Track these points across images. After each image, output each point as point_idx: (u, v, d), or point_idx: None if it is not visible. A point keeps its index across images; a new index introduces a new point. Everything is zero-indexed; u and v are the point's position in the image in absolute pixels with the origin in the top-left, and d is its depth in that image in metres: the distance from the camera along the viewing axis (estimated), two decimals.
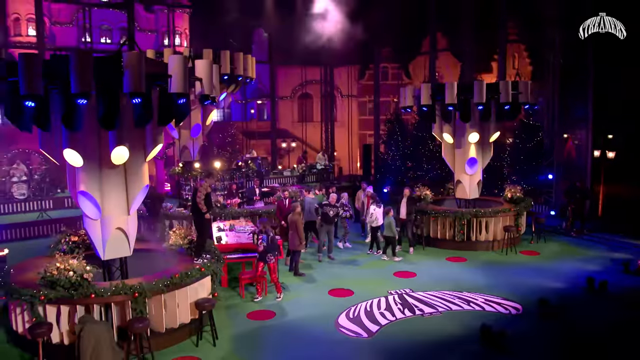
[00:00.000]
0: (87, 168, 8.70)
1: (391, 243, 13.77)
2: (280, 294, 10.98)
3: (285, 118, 35.99)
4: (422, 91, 14.59)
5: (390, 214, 13.61)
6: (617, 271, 12.59)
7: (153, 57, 16.74)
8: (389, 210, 13.70)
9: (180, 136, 17.80)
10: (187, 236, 10.38)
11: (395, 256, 13.79)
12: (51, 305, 8.16)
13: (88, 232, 9.31)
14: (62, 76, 7.72)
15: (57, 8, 29.08)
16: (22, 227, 16.23)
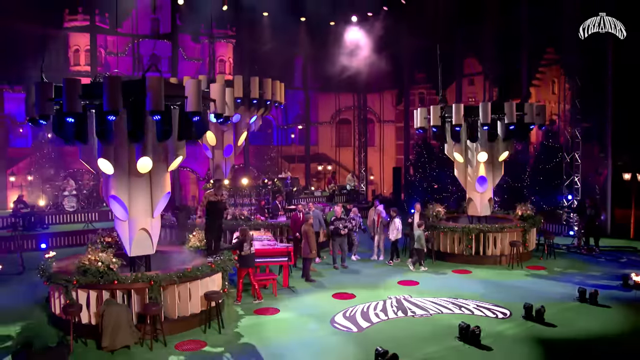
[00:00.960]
0: (117, 175, 10.34)
1: (419, 254, 14.83)
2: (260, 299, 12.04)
3: (324, 142, 37.64)
4: (431, 113, 15.74)
5: (421, 227, 14.73)
6: (616, 285, 13.11)
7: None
8: (421, 224, 14.84)
9: (214, 156, 19.62)
10: (204, 239, 11.88)
11: (422, 266, 14.82)
12: (82, 290, 9.74)
13: (117, 231, 10.95)
14: (97, 97, 9.45)
15: (112, 40, 32.01)
16: (70, 235, 18.25)
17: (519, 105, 15.18)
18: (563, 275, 14.17)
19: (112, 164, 10.20)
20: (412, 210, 15.53)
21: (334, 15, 27.36)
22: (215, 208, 11.87)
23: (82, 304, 9.70)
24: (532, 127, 15.49)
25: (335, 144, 37.16)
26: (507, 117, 14.87)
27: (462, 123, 15.17)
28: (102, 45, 31.73)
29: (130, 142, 10.04)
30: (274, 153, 34.40)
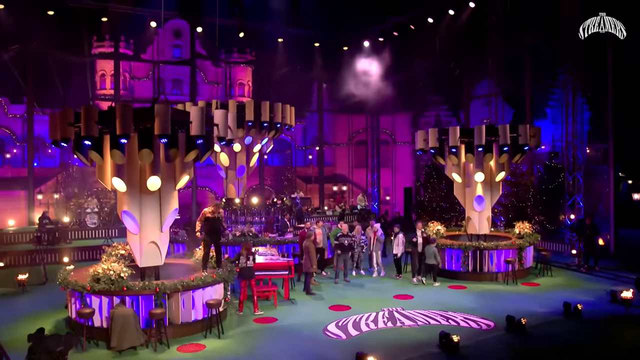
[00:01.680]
0: (129, 193, 11.55)
1: (433, 270, 15.69)
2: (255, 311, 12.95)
3: (341, 163, 38.64)
4: (429, 135, 16.67)
5: (433, 244, 15.63)
6: (605, 301, 13.70)
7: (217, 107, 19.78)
8: (434, 241, 15.76)
9: (227, 176, 20.82)
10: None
11: (435, 281, 15.67)
12: (95, 296, 10.89)
13: (130, 243, 12.14)
14: (111, 122, 10.70)
15: (136, 65, 33.87)
16: (91, 250, 19.56)
17: (513, 127, 16.01)
18: (555, 292, 14.78)
19: (125, 182, 11.41)
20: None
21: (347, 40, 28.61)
22: (212, 225, 12.93)
23: (94, 309, 10.84)
24: (527, 148, 16.23)
25: (352, 165, 38.14)
26: (500, 138, 15.71)
27: (458, 145, 16.05)
28: (127, 70, 33.62)
29: (141, 163, 11.25)
30: (290, 174, 35.52)
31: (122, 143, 10.68)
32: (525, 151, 16.46)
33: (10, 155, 31.72)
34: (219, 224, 13.21)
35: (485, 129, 15.81)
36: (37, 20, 23.48)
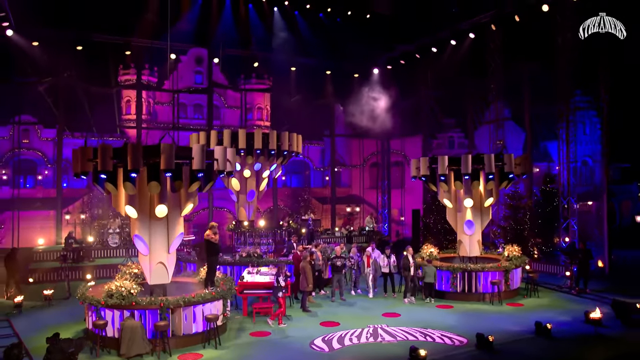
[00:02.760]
0: (140, 219, 13.38)
1: (430, 288, 17.11)
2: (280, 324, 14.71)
3: (357, 184, 40.20)
4: (420, 164, 18.14)
5: (431, 264, 17.10)
6: (580, 321, 14.80)
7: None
8: (431, 261, 17.24)
9: (238, 200, 22.60)
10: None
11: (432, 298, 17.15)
12: (108, 309, 12.68)
13: (141, 264, 13.94)
14: (124, 158, 12.56)
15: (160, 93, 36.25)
16: (112, 268, 21.42)
17: (498, 156, 17.36)
18: (536, 312, 15.94)
19: (136, 210, 13.24)
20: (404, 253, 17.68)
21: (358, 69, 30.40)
22: (212, 247, 14.60)
23: (107, 321, 12.62)
24: (512, 175, 17.53)
25: (366, 186, 39.64)
26: (486, 167, 17.08)
27: (447, 173, 17.48)
28: (151, 96, 36.02)
29: (150, 193, 13.07)
30: (307, 195, 37.15)
31: (133, 176, 12.52)
32: (511, 179, 17.75)
33: (41, 177, 34.25)
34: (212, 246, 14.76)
35: (472, 158, 17.20)
36: (67, 54, 25.91)
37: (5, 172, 32.90)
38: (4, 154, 32.40)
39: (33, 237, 27.03)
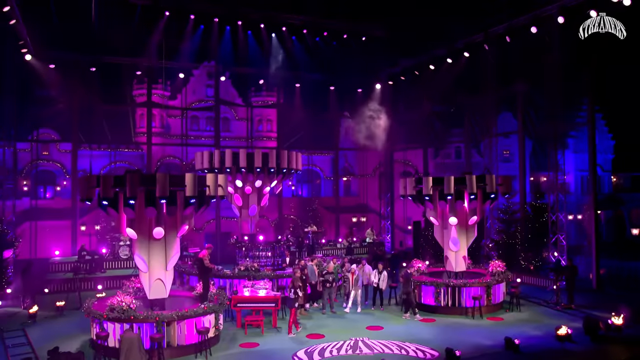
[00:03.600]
0: (140, 240, 14.96)
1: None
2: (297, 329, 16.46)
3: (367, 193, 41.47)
4: (407, 184, 19.41)
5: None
6: (551, 336, 15.87)
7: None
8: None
9: (240, 215, 24.14)
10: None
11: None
12: (110, 322, 14.28)
13: (141, 280, 15.53)
14: (124, 185, 14.15)
15: (173, 104, 38.03)
16: (122, 279, 23.05)
17: (480, 177, 18.54)
18: (513, 326, 17.07)
19: (136, 231, 14.83)
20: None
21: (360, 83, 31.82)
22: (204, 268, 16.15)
23: (109, 332, 14.22)
24: (492, 196, 18.70)
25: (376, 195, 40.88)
26: (468, 188, 18.28)
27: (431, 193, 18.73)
28: (165, 111, 37.83)
29: (148, 216, 14.64)
30: (315, 205, 38.51)
31: (132, 203, 14.11)
32: (493, 199, 18.93)
33: (60, 188, 36.31)
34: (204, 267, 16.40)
35: (454, 179, 18.42)
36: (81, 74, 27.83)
37: (26, 182, 35.00)
38: (25, 165, 34.44)
39: (50, 246, 29.00)
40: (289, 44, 27.29)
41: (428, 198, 18.85)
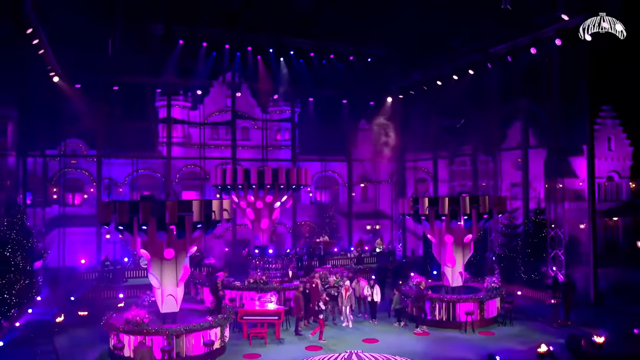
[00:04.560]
0: (153, 260, 16.79)
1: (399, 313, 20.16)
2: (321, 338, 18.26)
3: (383, 200, 42.87)
4: (405, 204, 20.82)
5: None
6: (533, 353, 17.08)
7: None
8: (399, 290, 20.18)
9: (253, 228, 25.90)
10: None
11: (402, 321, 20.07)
12: (126, 334, 16.14)
13: (154, 296, 17.38)
14: (137, 212, 15.97)
15: (193, 114, 40.00)
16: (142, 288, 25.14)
17: (474, 198, 19.83)
18: (501, 342, 18.34)
19: (149, 252, 16.66)
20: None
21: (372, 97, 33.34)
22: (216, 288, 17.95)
23: (125, 344, 16.09)
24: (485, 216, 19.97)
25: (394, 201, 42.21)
26: (461, 209, 19.60)
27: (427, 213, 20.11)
28: (185, 119, 39.84)
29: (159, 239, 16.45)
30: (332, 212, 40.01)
31: (144, 228, 15.93)
32: (487, 218, 20.21)
33: (87, 195, 38.63)
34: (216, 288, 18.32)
35: (448, 200, 19.77)
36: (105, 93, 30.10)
37: (55, 190, 37.40)
38: (54, 174, 36.82)
39: (77, 253, 31.28)
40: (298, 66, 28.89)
41: (424, 218, 20.23)
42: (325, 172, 41.01)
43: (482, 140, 29.70)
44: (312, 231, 38.96)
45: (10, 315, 19.04)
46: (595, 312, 21.97)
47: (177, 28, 25.21)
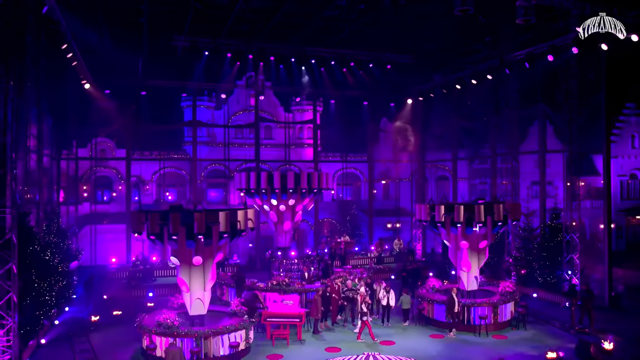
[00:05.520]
0: (182, 266, 18.12)
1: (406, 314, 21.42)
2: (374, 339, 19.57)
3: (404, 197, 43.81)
4: (422, 210, 21.80)
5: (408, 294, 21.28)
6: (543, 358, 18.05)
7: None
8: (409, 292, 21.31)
9: (276, 230, 27.13)
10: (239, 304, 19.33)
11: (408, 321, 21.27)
12: (157, 336, 17.54)
13: (183, 299, 18.76)
14: (167, 223, 17.28)
15: (217, 114, 41.38)
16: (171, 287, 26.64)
17: (488, 206, 20.71)
18: (513, 345, 19.30)
19: (178, 259, 18.00)
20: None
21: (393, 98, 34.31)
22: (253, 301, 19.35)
23: (157, 345, 17.49)
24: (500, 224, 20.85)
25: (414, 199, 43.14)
26: (476, 217, 20.51)
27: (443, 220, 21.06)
28: (210, 120, 41.24)
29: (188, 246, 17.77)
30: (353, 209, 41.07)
31: (174, 238, 17.25)
32: (501, 225, 21.10)
33: (115, 193, 40.34)
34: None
35: (464, 207, 20.68)
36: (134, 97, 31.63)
37: (85, 188, 39.16)
38: (85, 172, 38.55)
39: (108, 250, 33.02)
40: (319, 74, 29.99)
41: (440, 225, 21.19)
42: (346, 170, 42.12)
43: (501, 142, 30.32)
44: (334, 229, 40.18)
45: (50, 315, 20.58)
46: (611, 316, 22.59)
47: (202, 40, 26.44)
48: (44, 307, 19.80)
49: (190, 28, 24.79)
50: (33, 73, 20.95)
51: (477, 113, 31.50)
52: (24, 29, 18.78)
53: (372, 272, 28.20)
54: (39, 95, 22.57)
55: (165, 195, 39.77)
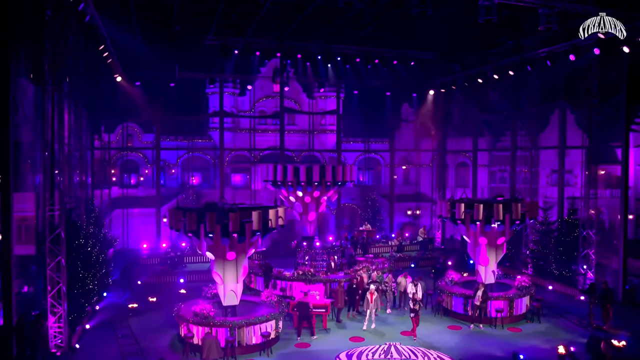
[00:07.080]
0: (217, 260, 19.64)
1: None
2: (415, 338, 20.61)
3: (424, 182, 44.95)
4: (443, 207, 23.01)
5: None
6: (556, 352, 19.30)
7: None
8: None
9: (301, 220, 28.57)
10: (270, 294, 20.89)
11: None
12: (194, 325, 19.16)
13: (217, 291, 20.34)
14: (204, 221, 18.74)
15: (241, 100, 42.61)
16: (201, 273, 28.31)
17: (506, 204, 21.85)
18: (527, 338, 20.60)
19: (213, 254, 19.51)
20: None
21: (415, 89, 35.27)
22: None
23: (194, 333, 19.14)
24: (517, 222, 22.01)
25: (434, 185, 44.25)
26: (495, 215, 21.68)
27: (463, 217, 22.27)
28: (234, 105, 42.51)
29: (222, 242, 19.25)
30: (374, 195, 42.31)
31: (210, 236, 18.75)
32: (519, 224, 22.26)
33: (143, 178, 42.01)
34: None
35: (483, 206, 21.84)
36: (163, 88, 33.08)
37: (114, 172, 40.89)
38: (113, 155, 40.24)
39: (138, 233, 34.87)
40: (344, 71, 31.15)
41: (460, 222, 22.42)
42: (367, 154, 43.36)
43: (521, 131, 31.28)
44: (355, 214, 41.59)
45: (93, 302, 22.36)
46: (626, 312, 23.58)
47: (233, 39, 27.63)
48: (87, 295, 21.53)
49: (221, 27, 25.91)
50: (74, 73, 22.36)
51: (498, 106, 32.39)
52: (68, 33, 20.10)
53: (394, 261, 29.63)
54: (78, 91, 24.03)
55: (190, 179, 41.37)
